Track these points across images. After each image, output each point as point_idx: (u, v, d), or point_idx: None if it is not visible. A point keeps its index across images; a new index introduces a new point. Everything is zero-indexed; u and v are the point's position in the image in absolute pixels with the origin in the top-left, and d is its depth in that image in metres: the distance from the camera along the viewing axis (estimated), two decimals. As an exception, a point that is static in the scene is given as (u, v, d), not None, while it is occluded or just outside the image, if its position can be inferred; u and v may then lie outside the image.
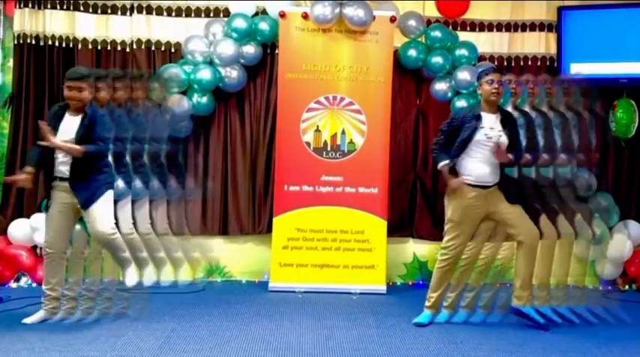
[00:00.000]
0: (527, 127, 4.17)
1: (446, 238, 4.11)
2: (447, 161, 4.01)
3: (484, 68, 4.23)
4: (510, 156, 3.95)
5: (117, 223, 4.16)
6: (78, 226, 4.20)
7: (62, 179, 3.99)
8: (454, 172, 4.02)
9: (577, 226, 4.32)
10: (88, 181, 3.99)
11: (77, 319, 4.06)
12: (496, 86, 3.96)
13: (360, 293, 5.02)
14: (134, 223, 4.55)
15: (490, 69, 4.09)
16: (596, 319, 4.26)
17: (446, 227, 4.12)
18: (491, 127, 3.97)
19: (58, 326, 3.90)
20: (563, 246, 4.26)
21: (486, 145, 3.96)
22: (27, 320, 4.01)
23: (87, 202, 3.96)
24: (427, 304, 4.20)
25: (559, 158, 4.29)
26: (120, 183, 4.33)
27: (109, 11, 5.52)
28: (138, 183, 4.57)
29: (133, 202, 4.53)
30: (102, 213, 4.01)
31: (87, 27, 5.48)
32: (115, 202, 4.15)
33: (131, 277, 4.26)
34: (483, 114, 4.00)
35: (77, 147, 3.90)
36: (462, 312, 4.22)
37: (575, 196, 4.39)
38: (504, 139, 3.98)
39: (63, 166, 3.98)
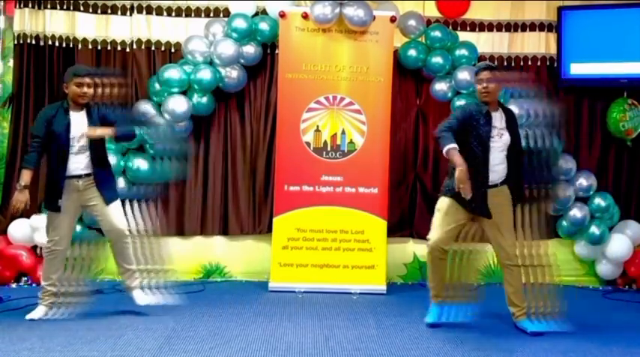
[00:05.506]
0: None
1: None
2: (455, 145, 3.79)
3: (476, 67, 4.18)
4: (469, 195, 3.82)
5: None
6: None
7: (74, 177, 4.06)
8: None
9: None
10: (109, 176, 4.24)
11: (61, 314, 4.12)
12: (485, 85, 3.94)
13: (360, 293, 5.02)
14: None
15: (479, 68, 4.06)
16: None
17: (434, 217, 4.12)
18: (493, 125, 3.97)
19: (58, 326, 3.90)
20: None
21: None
22: (30, 316, 4.05)
23: (111, 199, 4.14)
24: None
25: None
26: None
27: (109, 11, 5.51)
28: None
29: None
30: (119, 211, 4.20)
31: (87, 27, 5.47)
32: None
33: (140, 297, 4.27)
34: (489, 112, 3.98)
35: (109, 130, 4.09)
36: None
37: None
38: (507, 138, 3.98)
39: (74, 163, 4.05)
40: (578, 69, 5.55)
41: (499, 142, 3.96)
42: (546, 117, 4.63)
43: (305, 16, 5.14)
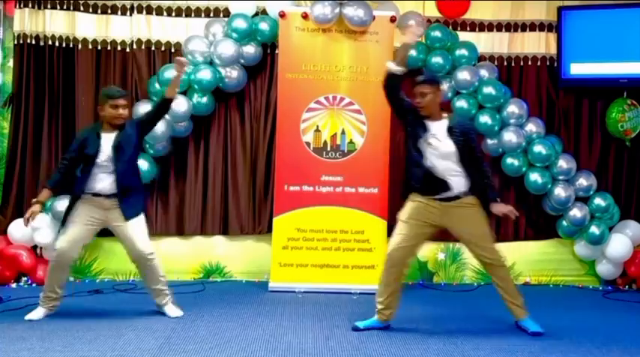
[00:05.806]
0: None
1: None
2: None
3: (416, 79, 4.04)
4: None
5: None
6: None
7: (100, 195, 4.04)
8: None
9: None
10: (138, 193, 4.18)
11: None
12: (418, 100, 3.88)
13: (360, 293, 5.02)
14: None
15: (416, 81, 3.96)
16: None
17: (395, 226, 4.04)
18: (431, 132, 3.87)
19: (58, 326, 3.91)
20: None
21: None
22: (30, 316, 4.05)
23: (131, 215, 4.08)
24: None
25: None
26: None
27: (109, 11, 5.51)
28: None
29: None
30: (141, 231, 4.13)
31: (87, 27, 5.47)
32: None
33: (171, 311, 4.24)
34: (426, 121, 3.90)
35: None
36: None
37: None
38: (447, 148, 3.83)
39: (101, 183, 4.04)
40: (578, 69, 5.55)
41: (437, 150, 3.83)
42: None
43: (305, 16, 5.15)
